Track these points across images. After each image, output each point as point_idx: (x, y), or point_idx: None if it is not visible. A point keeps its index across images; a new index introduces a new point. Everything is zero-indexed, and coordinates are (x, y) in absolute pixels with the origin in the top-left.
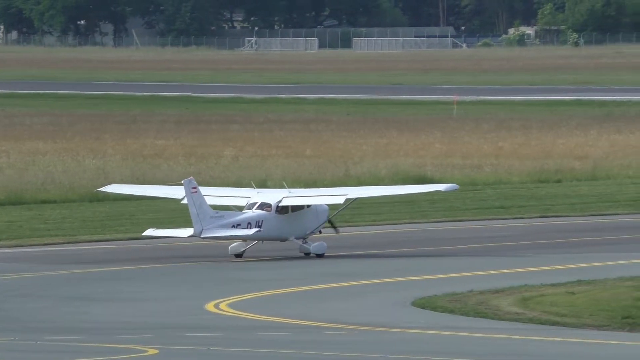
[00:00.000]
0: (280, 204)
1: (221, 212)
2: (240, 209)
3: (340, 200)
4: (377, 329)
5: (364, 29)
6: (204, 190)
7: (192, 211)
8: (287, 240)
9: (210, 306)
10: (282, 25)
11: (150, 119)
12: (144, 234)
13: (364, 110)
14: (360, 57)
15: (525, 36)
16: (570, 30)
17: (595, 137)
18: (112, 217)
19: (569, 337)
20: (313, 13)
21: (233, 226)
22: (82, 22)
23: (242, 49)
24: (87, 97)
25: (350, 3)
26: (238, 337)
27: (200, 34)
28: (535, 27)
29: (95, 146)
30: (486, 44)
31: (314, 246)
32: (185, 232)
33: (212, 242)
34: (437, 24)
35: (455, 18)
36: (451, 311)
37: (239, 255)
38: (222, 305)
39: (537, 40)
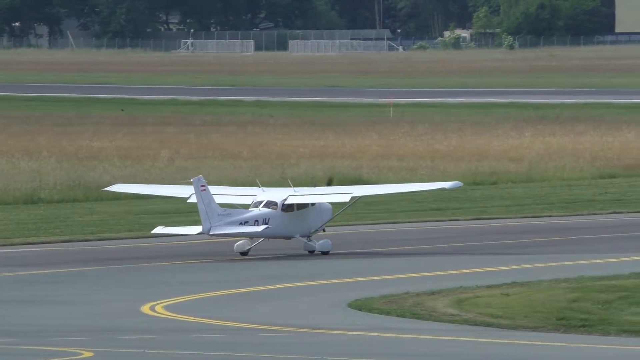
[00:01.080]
0: (286, 202)
1: (229, 210)
2: (245, 207)
3: (345, 198)
4: (312, 330)
5: (300, 32)
6: (211, 189)
7: (201, 209)
8: (292, 238)
9: (145, 308)
10: (218, 28)
11: (86, 120)
12: (153, 231)
13: (301, 112)
14: (297, 60)
15: (461, 39)
16: (505, 33)
17: (530, 139)
18: (47, 219)
19: (503, 339)
20: (249, 15)
21: (240, 224)
22: (17, 24)
23: (178, 51)
24: (22, 99)
25: (286, 5)
26: (173, 339)
27: (135, 36)
28: (470, 30)
29: (30, 148)
30: (422, 47)
31: (319, 244)
32: (194, 230)
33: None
34: (373, 27)
35: (392, 21)
36: (387, 313)
37: (244, 254)
38: (158, 308)
39: (473, 43)
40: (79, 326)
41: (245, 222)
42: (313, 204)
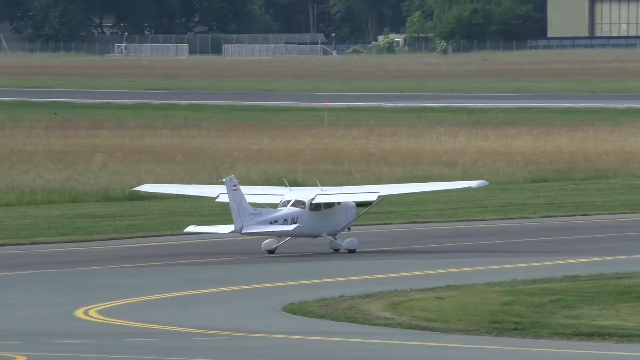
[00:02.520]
0: (314, 202)
1: (259, 210)
2: (273, 206)
3: (373, 197)
4: (247, 334)
5: (234, 35)
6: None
7: (233, 208)
8: (319, 236)
9: (79, 312)
10: (152, 31)
11: (19, 124)
12: (185, 230)
13: (235, 116)
14: (231, 64)
15: (395, 43)
16: (439, 38)
17: (464, 143)
18: None
19: (437, 342)
20: (183, 19)
21: (270, 223)
22: None
23: (111, 54)
24: None
25: (221, 9)
26: (107, 343)
27: (69, 40)
28: (404, 35)
29: None
30: (356, 51)
31: (346, 242)
32: (227, 229)
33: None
34: (307, 31)
35: (326, 25)
36: (322, 316)
37: (271, 252)
38: (92, 312)
39: (406, 47)
40: (12, 330)
41: (275, 221)
42: (339, 203)
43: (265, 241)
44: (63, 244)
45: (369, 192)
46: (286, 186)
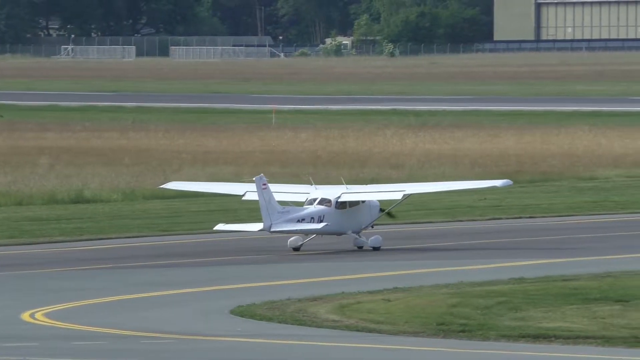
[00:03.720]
0: (340, 200)
1: (287, 208)
2: (299, 204)
3: (398, 196)
4: (194, 337)
5: (182, 38)
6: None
7: (262, 206)
8: (344, 234)
9: (25, 316)
10: (99, 33)
11: None
12: (215, 228)
13: (183, 119)
14: (179, 66)
15: (342, 46)
16: (386, 41)
17: (411, 146)
18: None
19: (385, 344)
20: (130, 21)
21: (298, 221)
22: None
23: (58, 56)
24: None
25: (168, 12)
26: (54, 346)
27: (15, 42)
28: (351, 38)
29: None
30: (304, 54)
31: (371, 240)
32: (256, 227)
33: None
34: (255, 34)
35: (273, 27)
36: (269, 319)
37: (297, 249)
38: (38, 315)
39: (354, 50)
40: None
41: (302, 219)
42: (363, 201)
43: (291, 238)
44: (9, 246)
45: (395, 191)
46: (312, 184)
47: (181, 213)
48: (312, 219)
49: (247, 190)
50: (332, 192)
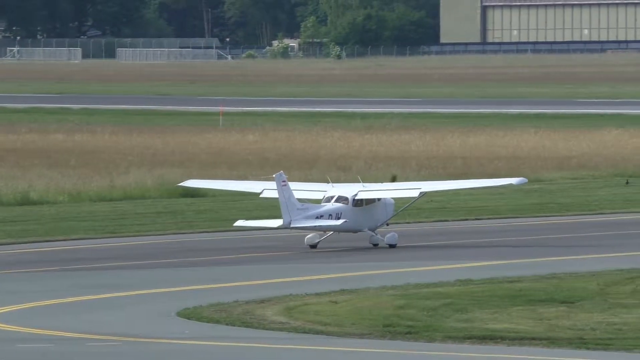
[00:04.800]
0: (356, 198)
1: (305, 205)
2: (316, 202)
3: (414, 193)
4: (141, 340)
5: (128, 40)
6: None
7: (282, 203)
8: (360, 231)
9: None
10: (45, 35)
11: None
12: (235, 224)
13: (129, 121)
14: (125, 68)
15: (289, 48)
16: (333, 43)
17: (358, 148)
18: None
19: (331, 346)
20: (76, 23)
21: (317, 217)
22: None
23: (3, 58)
24: None
25: (114, 14)
26: None
27: None
28: (298, 40)
29: None
30: (251, 56)
31: (387, 237)
32: (275, 223)
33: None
34: (202, 36)
35: (220, 30)
36: (217, 321)
37: (313, 246)
38: None
39: (301, 52)
40: None
41: (320, 216)
42: (379, 199)
43: (308, 236)
44: None
45: (411, 189)
46: (328, 182)
47: (128, 215)
48: (330, 216)
49: (265, 188)
50: (349, 190)
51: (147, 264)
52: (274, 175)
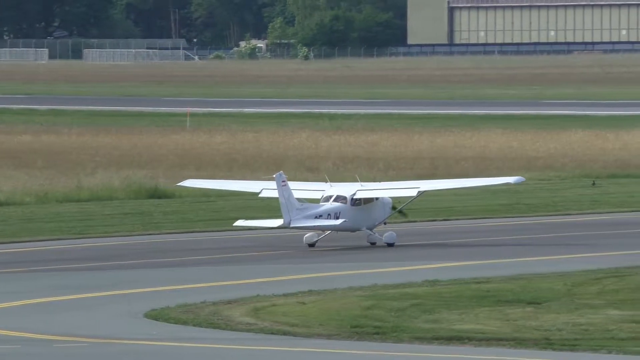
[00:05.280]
0: (354, 197)
1: (305, 204)
2: (314, 201)
3: (413, 192)
4: (108, 341)
5: (95, 40)
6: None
7: (282, 203)
8: (359, 230)
9: None
10: (12, 36)
11: None
12: (235, 224)
13: (96, 122)
14: (92, 69)
15: (257, 49)
16: (300, 44)
17: (326, 149)
18: None
19: (299, 347)
20: (43, 24)
21: (316, 217)
22: None
23: None
24: None
25: (81, 14)
26: None
27: None
28: (266, 41)
29: None
30: (218, 57)
31: (385, 236)
32: (275, 223)
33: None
34: (169, 37)
35: (187, 30)
36: (184, 322)
37: (312, 245)
38: None
39: (268, 53)
40: None
41: (319, 216)
42: (377, 198)
43: (307, 235)
44: None
45: (409, 188)
46: (327, 182)
47: (95, 216)
48: (328, 216)
49: (264, 188)
50: (347, 189)
51: (115, 265)
52: (274, 175)
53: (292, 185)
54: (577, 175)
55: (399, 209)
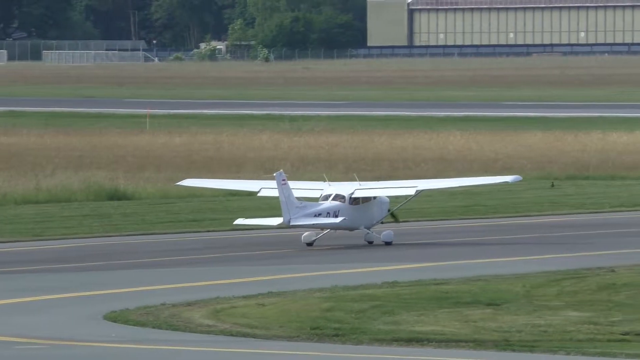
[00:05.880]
0: (353, 196)
1: (304, 203)
2: (312, 200)
3: (411, 191)
4: (68, 343)
5: (54, 42)
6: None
7: (282, 201)
8: (357, 229)
9: None
10: None
11: None
12: (234, 222)
13: (56, 123)
14: (51, 70)
15: (217, 51)
16: (260, 45)
17: (286, 150)
18: None
19: (259, 349)
20: (1, 25)
21: (315, 215)
22: None
23: None
24: None
25: (40, 16)
26: None
27: None
28: (226, 42)
29: None
30: (178, 58)
31: (383, 234)
32: (275, 221)
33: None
34: (128, 38)
35: (147, 32)
36: (143, 324)
37: (310, 244)
38: None
39: (228, 55)
40: None
41: (319, 214)
42: (374, 198)
43: (305, 234)
44: None
45: (407, 187)
46: (325, 181)
47: (53, 218)
48: (327, 214)
49: (262, 187)
50: (346, 188)
51: (73, 267)
52: (274, 174)
53: (292, 184)
54: (535, 177)
55: (391, 211)
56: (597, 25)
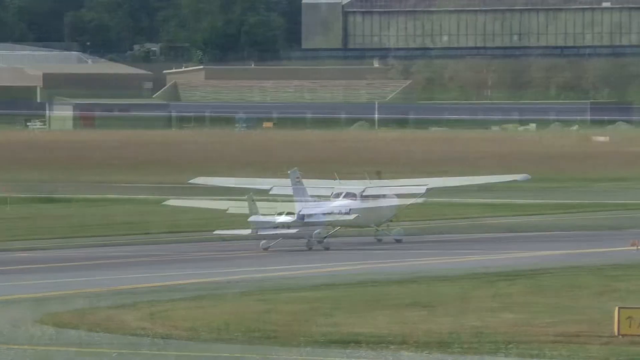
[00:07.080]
0: (363, 194)
1: (317, 201)
2: (324, 198)
3: (422, 190)
4: (3, 345)
5: None
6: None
7: (296, 198)
8: (367, 226)
9: None
10: None
11: None
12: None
13: None
14: None
15: (151, 53)
16: (194, 48)
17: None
18: None
19: (196, 351)
20: None
21: (327, 212)
22: None
23: None
24: None
25: None
26: None
27: None
28: (160, 44)
29: None
30: (112, 60)
31: (394, 232)
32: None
33: None
34: (62, 40)
35: (81, 34)
36: (77, 327)
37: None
38: None
39: (163, 57)
40: None
41: (330, 212)
42: (384, 196)
43: (314, 231)
44: None
45: (417, 185)
46: (336, 179)
47: None
48: (339, 212)
49: (274, 185)
50: (357, 186)
51: (6, 270)
52: (288, 172)
53: (304, 182)
54: None
55: (407, 204)
56: (503, 29)
